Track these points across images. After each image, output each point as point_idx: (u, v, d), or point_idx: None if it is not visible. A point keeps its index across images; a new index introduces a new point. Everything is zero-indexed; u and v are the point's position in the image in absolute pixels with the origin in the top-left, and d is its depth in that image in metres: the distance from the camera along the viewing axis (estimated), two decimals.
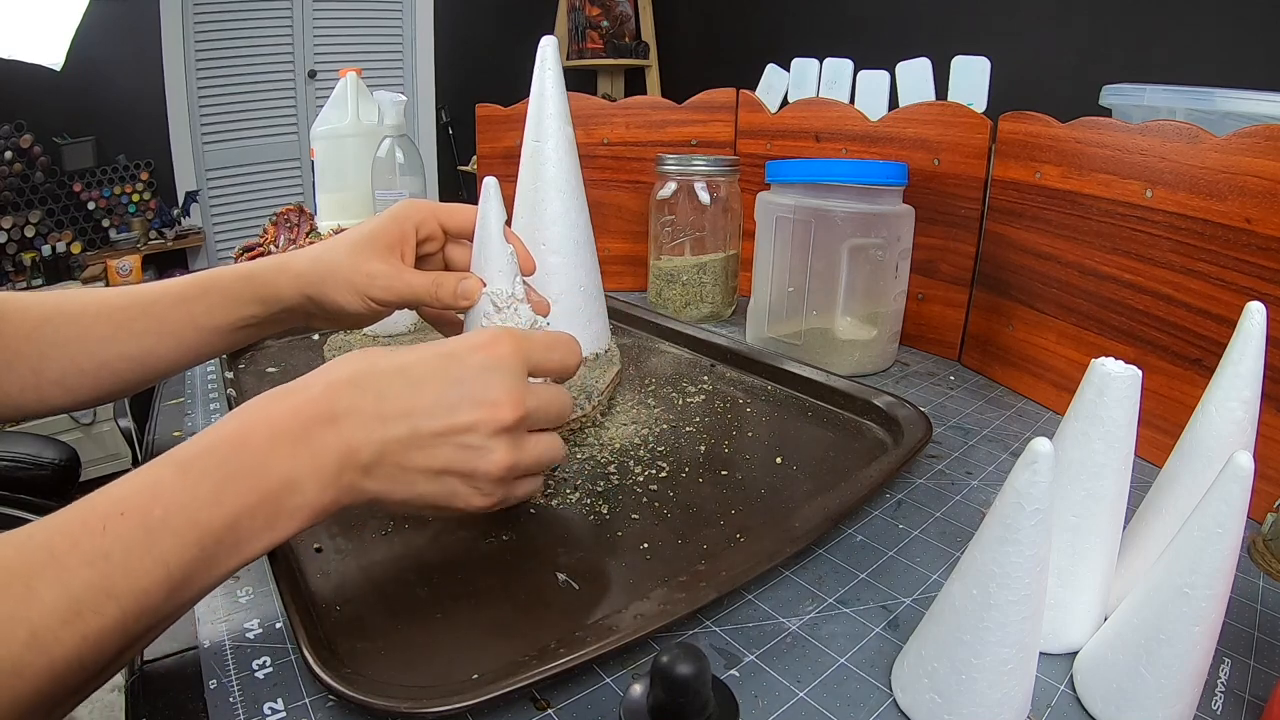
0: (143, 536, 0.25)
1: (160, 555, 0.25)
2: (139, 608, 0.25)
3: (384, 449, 0.31)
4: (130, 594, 0.24)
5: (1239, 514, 0.24)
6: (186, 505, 0.26)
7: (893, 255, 0.61)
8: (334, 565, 0.36)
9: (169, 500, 0.26)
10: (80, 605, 0.23)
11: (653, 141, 0.85)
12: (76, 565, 0.24)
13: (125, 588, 0.24)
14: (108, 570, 0.24)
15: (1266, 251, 0.42)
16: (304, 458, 0.29)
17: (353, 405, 0.31)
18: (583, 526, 0.40)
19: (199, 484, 0.27)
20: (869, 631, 0.33)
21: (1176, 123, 0.47)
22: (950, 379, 0.64)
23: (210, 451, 0.28)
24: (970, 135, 0.63)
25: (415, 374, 0.33)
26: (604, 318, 0.58)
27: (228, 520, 0.27)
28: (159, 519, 0.26)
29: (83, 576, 0.24)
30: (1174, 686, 0.26)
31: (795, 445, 0.50)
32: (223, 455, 0.28)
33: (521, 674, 0.28)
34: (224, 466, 0.28)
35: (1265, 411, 0.36)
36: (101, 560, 0.24)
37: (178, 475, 0.27)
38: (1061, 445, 0.30)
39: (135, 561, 0.25)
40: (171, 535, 0.26)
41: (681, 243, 0.77)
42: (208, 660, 0.31)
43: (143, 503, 0.26)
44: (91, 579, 0.24)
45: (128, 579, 0.25)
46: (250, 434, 0.29)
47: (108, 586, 0.24)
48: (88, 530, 0.25)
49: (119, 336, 0.41)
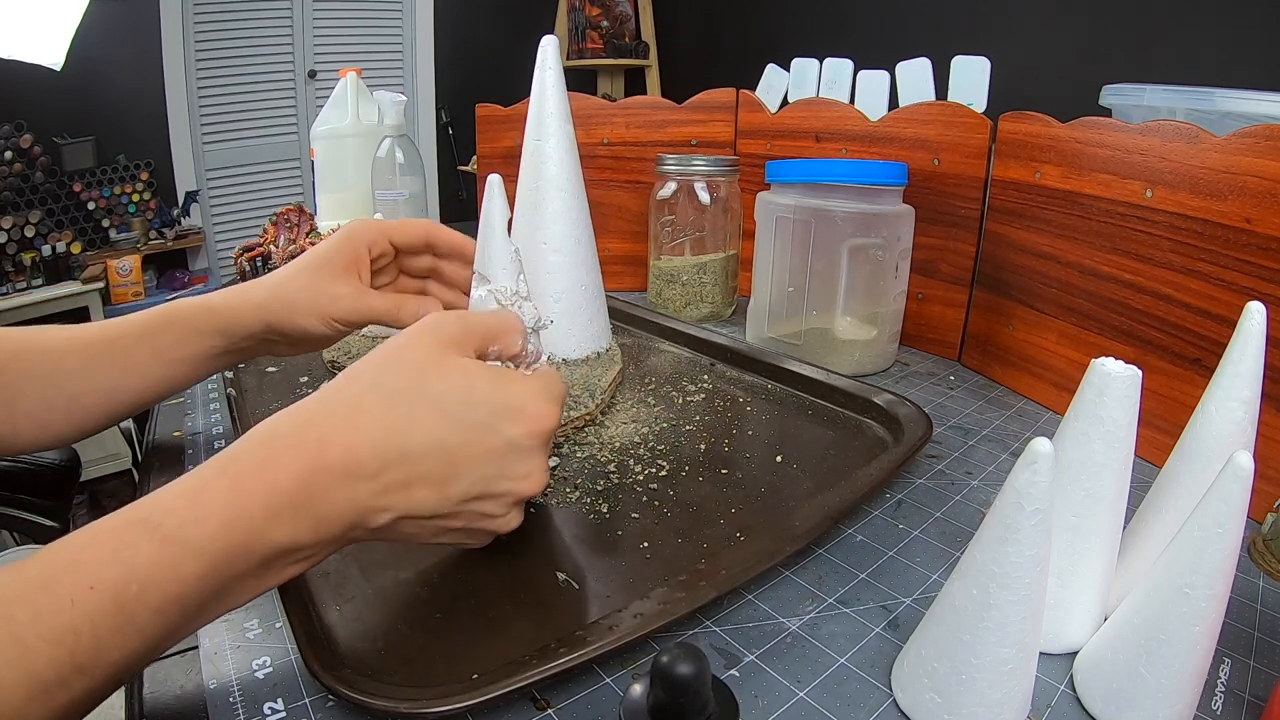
0: (114, 612, 0.23)
1: (136, 629, 0.24)
2: (109, 678, 0.23)
3: (404, 514, 0.30)
4: (101, 666, 0.23)
5: (1239, 514, 0.24)
6: (168, 583, 0.24)
7: (893, 255, 0.61)
8: (334, 565, 0.36)
9: (146, 577, 0.24)
10: (47, 685, 0.22)
11: (653, 141, 0.85)
12: (40, 645, 0.22)
13: (95, 660, 0.23)
14: (76, 647, 0.22)
15: (1266, 251, 0.42)
16: (306, 524, 0.27)
17: (376, 471, 0.28)
18: (583, 526, 0.40)
19: (184, 562, 0.24)
20: (869, 631, 0.33)
21: (1176, 123, 0.47)
22: (950, 379, 0.64)
23: (200, 523, 0.25)
24: (970, 135, 0.63)
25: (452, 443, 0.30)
26: (604, 316, 0.58)
27: (215, 591, 0.25)
28: (134, 596, 0.23)
29: (47, 655, 0.22)
30: (1174, 686, 0.26)
31: (795, 444, 0.50)
32: (213, 530, 0.25)
33: (521, 674, 0.28)
34: (215, 543, 0.25)
35: (1265, 411, 0.36)
36: (70, 637, 0.22)
37: (158, 549, 0.24)
38: (1061, 445, 0.30)
39: (107, 637, 0.23)
40: (150, 611, 0.24)
41: (681, 243, 0.77)
42: (208, 660, 0.31)
43: (115, 578, 0.23)
44: (58, 657, 0.22)
45: (98, 653, 0.23)
46: (248, 503, 0.26)
47: (76, 663, 0.22)
48: (52, 601, 0.22)
49: (87, 371, 0.41)
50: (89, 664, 0.23)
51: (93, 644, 0.23)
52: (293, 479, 0.27)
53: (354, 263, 0.46)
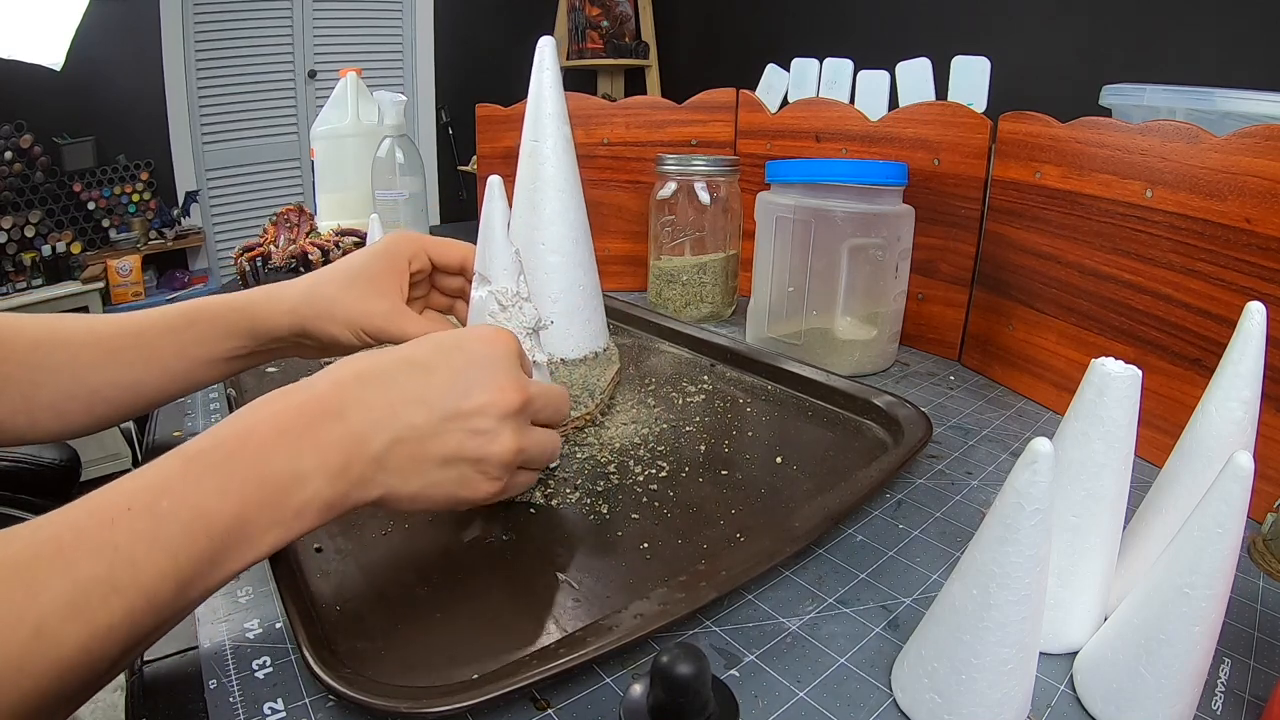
0: (150, 528, 0.25)
1: (167, 547, 0.25)
2: (146, 603, 0.24)
3: (397, 436, 0.31)
4: (137, 588, 0.24)
5: (1239, 514, 0.24)
6: (192, 497, 0.26)
7: (893, 255, 0.61)
8: (334, 565, 0.36)
9: (175, 493, 0.26)
10: (87, 599, 0.23)
11: (653, 141, 0.85)
12: (82, 558, 0.23)
13: (131, 581, 0.24)
14: (114, 562, 0.24)
15: (1266, 251, 0.42)
16: (309, 452, 0.29)
17: (360, 398, 0.31)
18: (583, 526, 0.40)
19: (204, 477, 0.27)
20: (869, 631, 0.33)
21: (1176, 123, 0.47)
22: (950, 379, 0.64)
23: (215, 447, 0.28)
24: (970, 135, 0.63)
25: (423, 363, 0.33)
26: (602, 316, 0.58)
27: (234, 513, 0.27)
28: (166, 510, 0.25)
29: (88, 569, 0.23)
30: (1174, 686, 0.26)
31: (795, 445, 0.50)
32: (228, 450, 0.28)
33: (521, 674, 0.28)
34: (229, 461, 0.28)
35: (1265, 411, 0.36)
36: (109, 551, 0.24)
37: (183, 469, 0.27)
38: (1061, 445, 0.30)
39: (142, 554, 0.24)
40: (179, 527, 0.25)
41: (681, 243, 0.77)
42: (208, 660, 0.31)
43: (149, 496, 0.26)
44: (97, 572, 0.23)
45: (134, 572, 0.24)
46: (254, 430, 0.29)
47: (114, 580, 0.24)
48: (95, 523, 0.24)
49: (109, 364, 0.41)
50: (125, 583, 0.24)
51: (130, 560, 0.24)
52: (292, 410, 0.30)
53: (393, 276, 0.45)
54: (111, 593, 0.24)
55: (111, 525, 0.25)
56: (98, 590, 0.23)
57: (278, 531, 0.28)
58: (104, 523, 0.25)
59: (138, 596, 0.24)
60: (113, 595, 0.24)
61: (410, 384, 0.32)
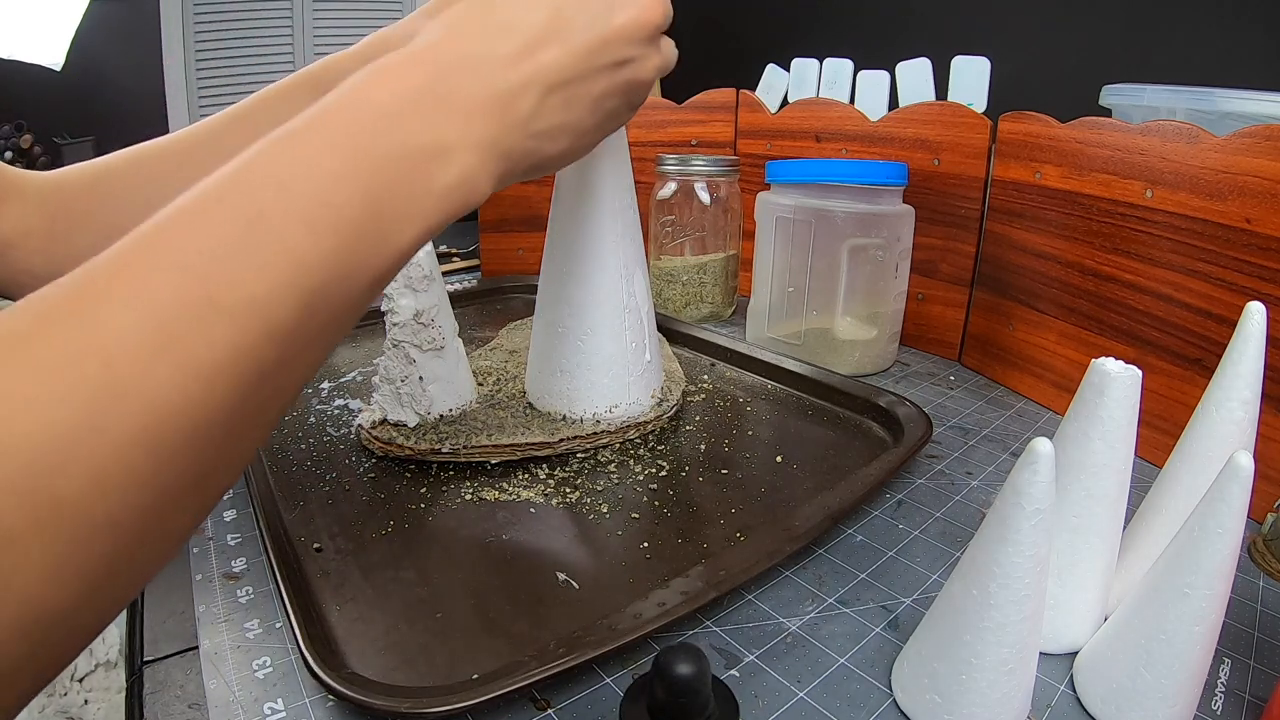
0: (254, 225, 0.18)
1: (283, 249, 0.19)
2: (264, 326, 0.18)
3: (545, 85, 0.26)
4: (247, 305, 0.18)
5: (1239, 514, 0.24)
6: (310, 181, 0.20)
7: (893, 255, 0.61)
8: (334, 565, 0.36)
9: (285, 178, 0.19)
10: (176, 324, 0.17)
11: (653, 141, 0.85)
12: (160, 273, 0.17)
13: (235, 297, 0.17)
14: (206, 275, 0.17)
15: (1266, 251, 0.42)
16: (448, 118, 0.23)
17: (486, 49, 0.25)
18: (583, 526, 0.40)
19: (322, 155, 0.20)
20: (869, 631, 0.33)
21: (1176, 123, 0.47)
22: (950, 379, 0.64)
23: (328, 119, 0.21)
24: (970, 135, 0.63)
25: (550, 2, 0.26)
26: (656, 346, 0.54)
27: (366, 198, 0.21)
28: (271, 202, 0.19)
29: (172, 287, 0.17)
30: (1174, 686, 0.26)
31: (795, 444, 0.50)
32: (345, 121, 0.21)
33: (521, 674, 0.28)
34: (351, 134, 0.21)
35: (1265, 411, 0.35)
36: (197, 261, 0.17)
37: (289, 150, 0.20)
38: (1061, 445, 0.30)
39: (249, 256, 0.18)
40: (296, 222, 0.19)
41: (681, 243, 0.77)
42: (208, 660, 0.31)
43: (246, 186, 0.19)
44: (186, 289, 0.17)
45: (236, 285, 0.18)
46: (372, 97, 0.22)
47: (210, 295, 0.17)
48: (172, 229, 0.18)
49: (183, 169, 0.38)
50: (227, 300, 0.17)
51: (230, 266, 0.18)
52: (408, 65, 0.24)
53: None
54: (212, 313, 0.17)
55: (196, 226, 0.18)
56: (190, 313, 0.17)
57: (419, 221, 0.22)
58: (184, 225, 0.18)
59: (250, 318, 0.18)
60: (211, 316, 0.17)
61: (536, 17, 0.26)
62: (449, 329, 0.48)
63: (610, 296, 0.47)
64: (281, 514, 0.40)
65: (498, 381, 0.55)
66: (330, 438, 0.50)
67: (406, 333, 0.46)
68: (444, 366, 0.48)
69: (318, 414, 0.53)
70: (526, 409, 0.50)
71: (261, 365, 0.18)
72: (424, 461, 0.45)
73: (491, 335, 0.69)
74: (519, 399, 0.52)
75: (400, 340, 0.47)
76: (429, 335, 0.47)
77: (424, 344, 0.47)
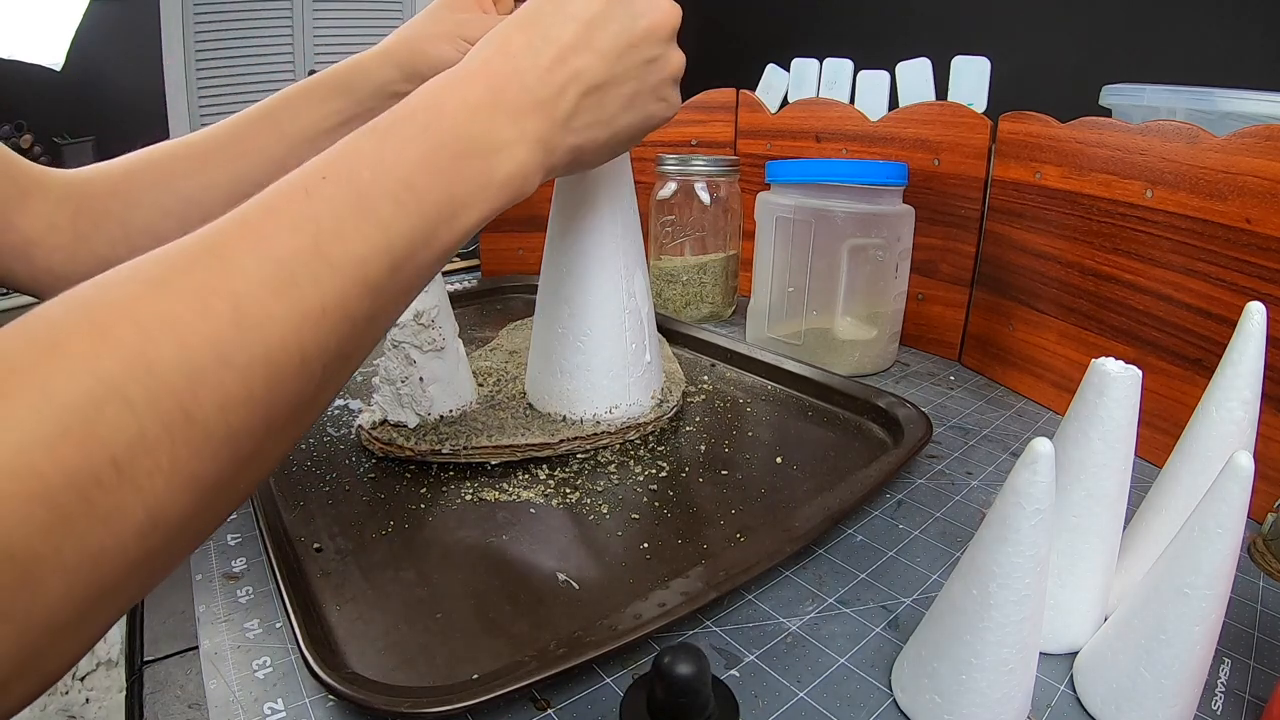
0: (354, 199, 0.22)
1: (377, 218, 0.23)
2: (360, 281, 0.22)
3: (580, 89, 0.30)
4: (348, 262, 0.21)
5: (1239, 514, 0.24)
6: (397, 168, 0.24)
7: (893, 255, 0.61)
8: (334, 565, 0.36)
9: (376, 163, 0.24)
10: (293, 272, 0.20)
11: (653, 141, 0.85)
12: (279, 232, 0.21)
13: (341, 254, 0.21)
14: (317, 235, 0.21)
15: (1266, 251, 0.42)
16: (505, 121, 0.28)
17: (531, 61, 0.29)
18: (583, 526, 0.40)
19: (406, 148, 0.25)
20: (869, 631, 0.33)
21: (1176, 123, 0.47)
22: (950, 379, 0.64)
23: (408, 120, 0.26)
24: (970, 135, 0.63)
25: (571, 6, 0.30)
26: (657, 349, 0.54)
27: (443, 185, 0.25)
28: (368, 182, 0.23)
29: (289, 243, 0.20)
30: (1174, 686, 0.26)
31: (795, 445, 0.50)
32: (423, 123, 0.26)
33: (521, 674, 0.28)
34: (427, 133, 0.26)
35: (1265, 411, 0.35)
36: (309, 224, 0.21)
37: (379, 142, 0.25)
38: (1061, 445, 0.30)
39: (350, 226, 0.22)
40: (387, 199, 0.23)
41: (681, 243, 0.77)
42: (208, 660, 0.31)
43: (347, 168, 0.23)
44: (300, 245, 0.21)
45: (343, 244, 0.22)
46: (444, 105, 0.27)
47: (322, 252, 0.21)
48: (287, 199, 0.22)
49: (203, 169, 0.39)
50: (335, 256, 0.21)
51: (335, 232, 0.22)
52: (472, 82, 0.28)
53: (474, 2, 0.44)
54: (322, 267, 0.21)
55: (307, 197, 0.22)
56: (304, 264, 0.20)
57: (482, 205, 0.27)
58: (298, 196, 0.22)
59: (350, 272, 0.22)
60: (323, 270, 0.21)
61: (569, 30, 0.30)
62: (449, 330, 0.48)
63: (610, 297, 0.47)
64: (281, 514, 0.40)
65: (498, 382, 0.55)
66: (330, 438, 0.50)
67: (407, 333, 0.46)
68: (444, 367, 0.48)
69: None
70: (527, 410, 0.50)
71: (356, 313, 0.22)
72: (424, 462, 0.45)
73: (491, 335, 0.69)
74: (519, 400, 0.52)
75: (400, 341, 0.47)
76: (429, 336, 0.47)
77: (424, 345, 0.47)
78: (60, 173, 0.39)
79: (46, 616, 0.15)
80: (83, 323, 0.17)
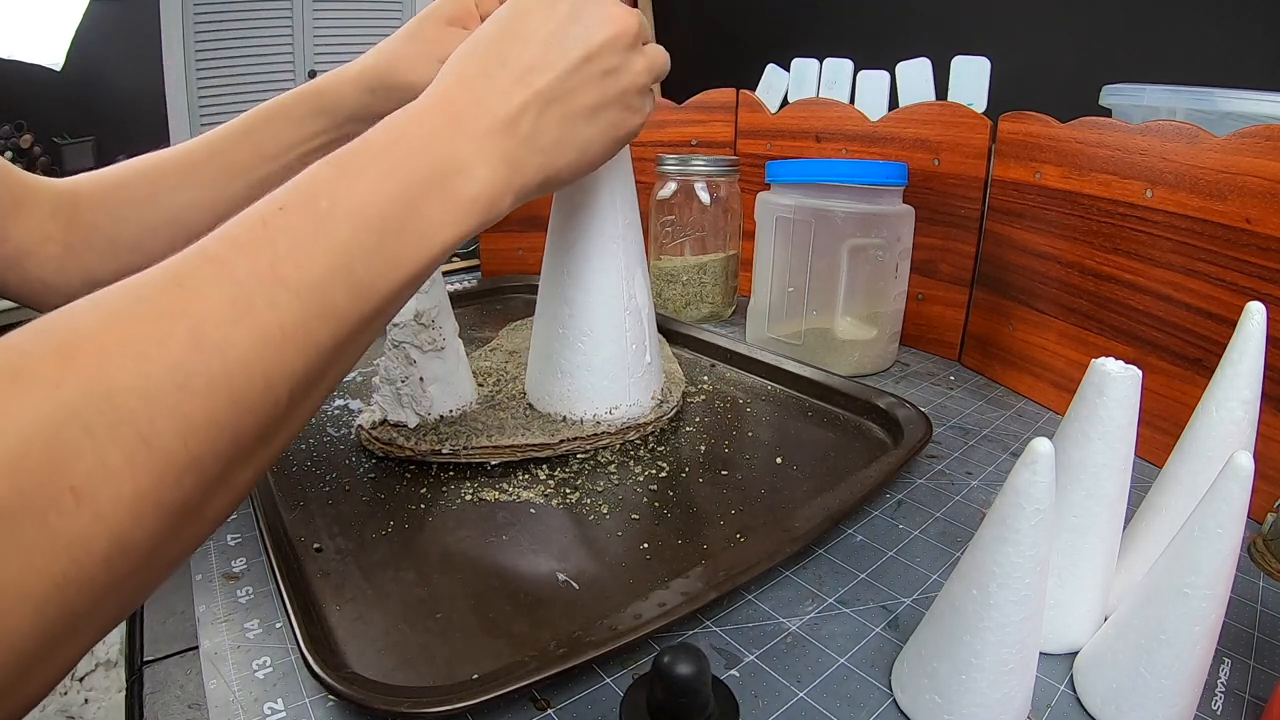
0: (311, 225, 0.23)
1: (334, 243, 0.23)
2: (320, 305, 0.22)
3: (539, 106, 0.30)
4: (306, 285, 0.22)
5: (1239, 514, 0.24)
6: (354, 192, 0.24)
7: (893, 255, 0.61)
8: (334, 565, 0.36)
9: (333, 191, 0.24)
10: (250, 298, 0.20)
11: (653, 141, 0.85)
12: (238, 258, 0.21)
13: (298, 279, 0.22)
14: (274, 259, 0.21)
15: (1266, 251, 0.42)
16: (464, 142, 0.28)
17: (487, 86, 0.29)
18: (583, 526, 0.40)
19: (364, 173, 0.25)
20: (869, 631, 0.33)
21: (1176, 123, 0.47)
22: (950, 379, 0.64)
23: (365, 149, 0.26)
24: (970, 135, 0.63)
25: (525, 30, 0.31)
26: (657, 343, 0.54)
27: (403, 202, 0.25)
28: (325, 208, 0.23)
29: (247, 267, 0.21)
30: (1174, 686, 0.26)
31: (795, 445, 0.50)
32: (381, 147, 0.26)
33: (521, 674, 0.28)
34: (386, 155, 0.26)
35: (1265, 411, 0.35)
36: (267, 250, 0.21)
37: (335, 170, 0.25)
38: (1061, 445, 0.30)
39: (305, 249, 0.22)
40: (344, 221, 0.23)
41: (681, 243, 0.77)
42: (208, 660, 0.31)
43: (303, 198, 0.24)
44: (257, 269, 0.21)
45: (299, 270, 0.22)
46: (403, 131, 0.27)
47: (279, 275, 0.21)
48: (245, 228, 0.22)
49: (187, 185, 0.39)
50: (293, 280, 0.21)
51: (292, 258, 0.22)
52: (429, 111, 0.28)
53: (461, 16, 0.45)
54: (279, 290, 0.21)
55: (264, 225, 0.22)
56: (261, 288, 0.21)
57: (450, 229, 0.27)
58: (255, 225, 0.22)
59: (309, 296, 0.22)
60: (280, 293, 0.21)
61: (526, 52, 0.30)
62: (449, 330, 0.48)
63: (610, 298, 0.47)
64: (281, 514, 0.40)
65: (498, 382, 0.55)
66: (330, 438, 0.50)
67: (407, 333, 0.46)
68: (444, 367, 0.48)
69: (318, 414, 0.53)
70: (526, 410, 0.50)
71: (319, 337, 0.22)
72: (424, 462, 0.45)
73: (491, 335, 0.69)
74: (519, 400, 0.52)
75: (400, 341, 0.47)
76: (429, 336, 0.47)
77: (424, 345, 0.47)
78: (54, 182, 0.39)
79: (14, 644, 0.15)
80: (49, 349, 0.17)
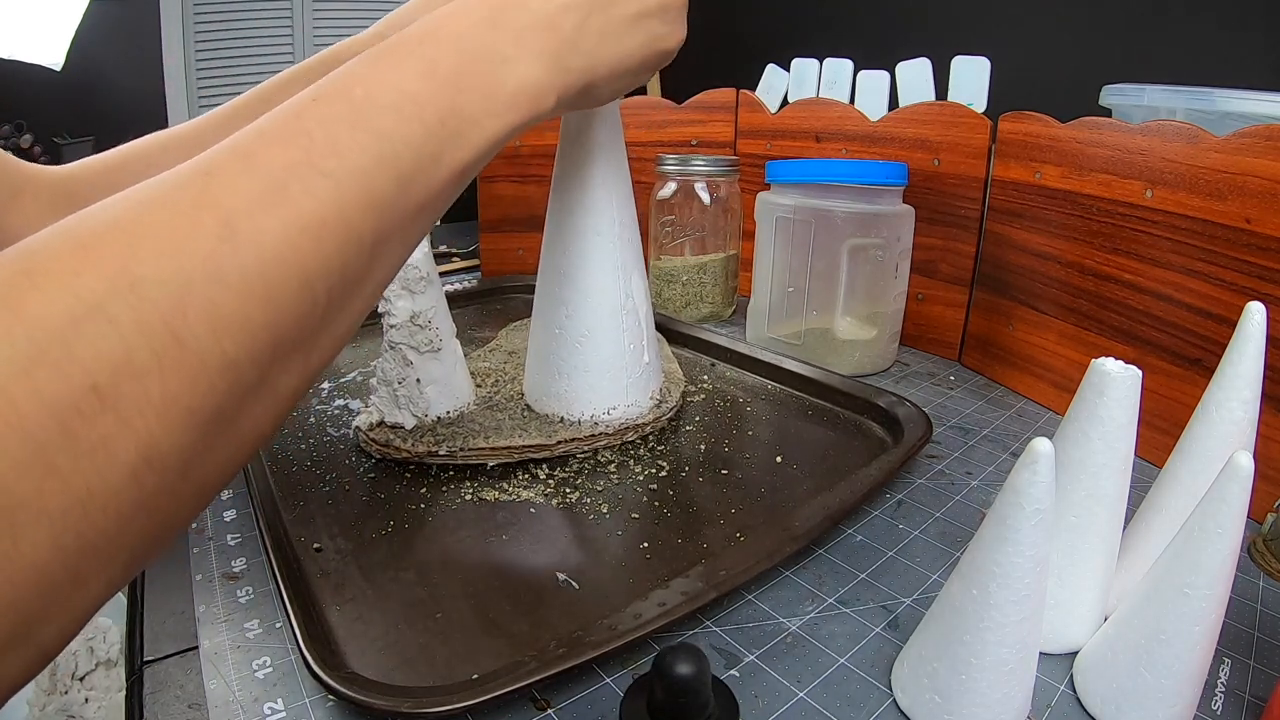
0: (348, 114, 0.21)
1: (375, 130, 0.21)
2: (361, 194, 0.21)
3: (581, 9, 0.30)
4: (345, 172, 0.20)
5: (1239, 514, 0.24)
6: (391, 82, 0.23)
7: (893, 255, 0.61)
8: (334, 565, 0.36)
9: (369, 81, 0.23)
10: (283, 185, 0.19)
11: (653, 141, 0.85)
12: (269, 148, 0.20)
13: (337, 166, 0.20)
14: (311, 147, 0.20)
15: (1266, 251, 0.42)
16: (505, 39, 0.27)
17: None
18: (583, 526, 0.40)
19: (401, 64, 0.24)
20: (869, 631, 0.33)
21: (1176, 123, 0.47)
22: (950, 379, 0.64)
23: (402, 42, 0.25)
24: (970, 135, 0.63)
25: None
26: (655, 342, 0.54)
27: (447, 95, 0.24)
28: (361, 98, 0.22)
29: (280, 156, 0.19)
30: (1174, 686, 0.26)
31: (795, 444, 0.50)
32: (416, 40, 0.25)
33: (521, 674, 0.28)
34: (423, 48, 0.24)
35: (1265, 411, 0.35)
36: (302, 138, 0.20)
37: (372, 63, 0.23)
38: (1061, 445, 0.30)
39: (345, 137, 0.21)
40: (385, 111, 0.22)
41: (681, 243, 0.77)
42: (208, 660, 0.31)
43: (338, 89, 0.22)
44: (292, 156, 0.20)
45: (338, 157, 0.20)
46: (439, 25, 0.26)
47: (313, 164, 0.20)
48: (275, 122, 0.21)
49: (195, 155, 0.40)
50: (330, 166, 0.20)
51: (329, 144, 0.20)
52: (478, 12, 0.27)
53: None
54: (316, 178, 0.20)
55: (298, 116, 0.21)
56: (297, 175, 0.19)
57: (493, 118, 0.26)
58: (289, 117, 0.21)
59: (350, 184, 0.20)
60: (316, 178, 0.20)
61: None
62: (446, 331, 0.48)
63: (607, 298, 0.47)
64: (281, 514, 0.40)
65: (496, 383, 0.55)
66: (330, 438, 0.50)
67: (403, 334, 0.46)
68: (441, 368, 0.48)
69: (318, 414, 0.53)
70: (524, 411, 0.50)
71: (361, 230, 0.20)
72: (423, 462, 0.45)
73: (491, 336, 0.69)
74: (517, 400, 0.52)
75: (397, 342, 0.46)
76: (426, 337, 0.47)
77: (421, 346, 0.47)
78: (52, 170, 0.39)
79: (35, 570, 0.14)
80: (65, 242, 0.16)
